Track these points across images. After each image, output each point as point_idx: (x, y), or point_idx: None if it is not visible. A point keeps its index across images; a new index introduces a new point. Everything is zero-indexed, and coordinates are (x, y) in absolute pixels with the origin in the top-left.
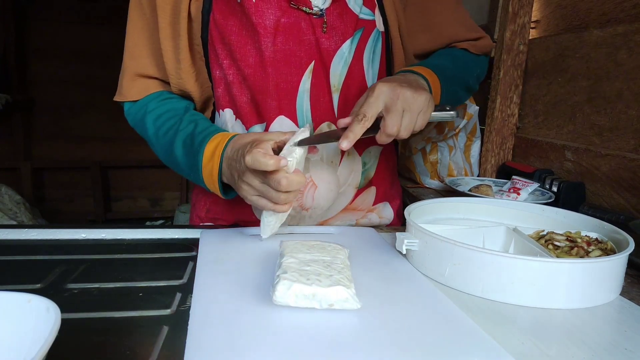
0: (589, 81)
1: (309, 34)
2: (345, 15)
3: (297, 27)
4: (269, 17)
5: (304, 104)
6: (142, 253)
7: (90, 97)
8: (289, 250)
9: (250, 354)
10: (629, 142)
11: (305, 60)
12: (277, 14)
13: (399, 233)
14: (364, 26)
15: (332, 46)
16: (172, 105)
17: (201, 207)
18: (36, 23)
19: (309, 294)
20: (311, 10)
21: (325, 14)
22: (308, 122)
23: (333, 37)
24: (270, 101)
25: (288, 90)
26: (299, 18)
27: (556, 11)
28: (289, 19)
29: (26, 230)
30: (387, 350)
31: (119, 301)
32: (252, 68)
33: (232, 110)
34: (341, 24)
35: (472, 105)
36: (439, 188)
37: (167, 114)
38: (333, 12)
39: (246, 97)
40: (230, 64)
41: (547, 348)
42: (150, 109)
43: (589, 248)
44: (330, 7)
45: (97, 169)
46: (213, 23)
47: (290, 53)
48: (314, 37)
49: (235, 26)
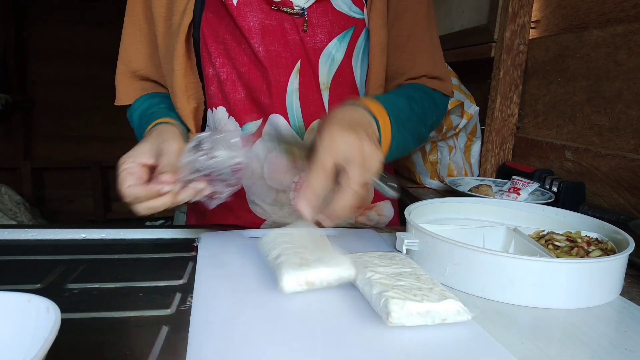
0: (589, 81)
1: (293, 33)
2: (331, 13)
3: (281, 28)
4: (252, 20)
5: (293, 102)
6: (142, 253)
7: (90, 97)
8: (366, 264)
9: (250, 353)
10: (629, 142)
11: (291, 60)
12: (260, 17)
13: (399, 233)
14: (355, 25)
15: (317, 44)
16: (158, 99)
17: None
18: (36, 23)
19: (422, 311)
20: (292, 11)
21: (307, 13)
22: (299, 120)
23: (317, 36)
24: (264, 99)
25: (279, 89)
26: (282, 19)
27: (556, 11)
28: (272, 21)
29: (26, 230)
30: (387, 349)
31: (119, 301)
32: (247, 66)
33: (225, 107)
34: (326, 22)
35: (472, 105)
36: (439, 188)
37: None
38: (316, 11)
39: (240, 94)
40: (224, 62)
41: (547, 348)
42: (137, 107)
43: (589, 248)
44: (312, 6)
45: (97, 169)
46: (205, 22)
47: (277, 54)
48: (298, 37)
49: (229, 26)
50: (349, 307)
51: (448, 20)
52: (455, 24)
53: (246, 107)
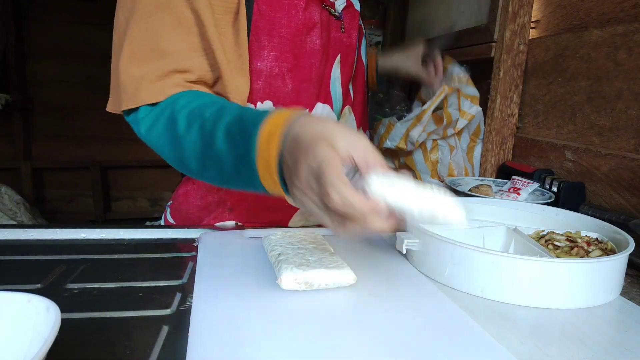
0: (589, 81)
1: (334, 31)
2: (355, 17)
3: (330, 25)
4: (314, 14)
5: (336, 90)
6: (142, 253)
7: (90, 97)
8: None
9: (250, 353)
10: (629, 142)
11: (332, 53)
12: (319, 12)
13: (399, 233)
14: (361, 22)
15: (352, 42)
16: (211, 98)
17: (218, 208)
18: (36, 23)
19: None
20: (335, 13)
21: (342, 17)
22: (339, 107)
23: (351, 35)
24: (312, 88)
25: (325, 78)
26: (329, 17)
27: (556, 11)
28: (324, 18)
29: (26, 230)
30: (387, 349)
31: (119, 301)
32: (299, 58)
33: (272, 102)
34: (354, 24)
35: (474, 106)
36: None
37: (205, 105)
38: (346, 15)
39: (288, 87)
40: (278, 55)
41: (547, 348)
42: (181, 106)
43: (589, 248)
44: (343, 10)
45: (97, 169)
46: (258, 15)
47: (325, 46)
48: (338, 35)
49: (284, 19)
50: (349, 307)
51: (448, 20)
52: (455, 24)
53: (293, 100)
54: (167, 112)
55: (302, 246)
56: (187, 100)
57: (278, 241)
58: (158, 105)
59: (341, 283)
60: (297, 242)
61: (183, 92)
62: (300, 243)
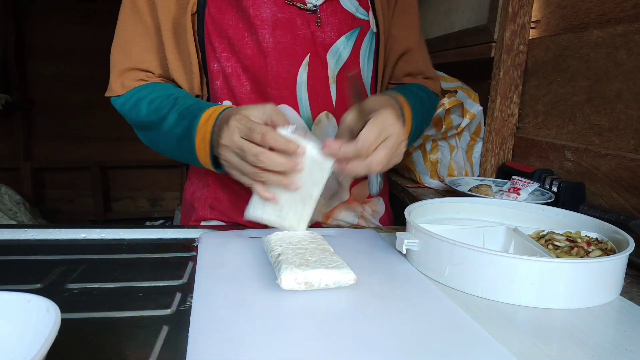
0: (588, 81)
1: (304, 28)
2: (340, 13)
3: (293, 22)
4: (265, 11)
5: (302, 94)
6: (142, 253)
7: (90, 97)
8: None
9: (250, 353)
10: (629, 142)
11: (300, 53)
12: (274, 9)
13: (399, 233)
14: (361, 25)
15: (326, 40)
16: (170, 90)
17: (202, 205)
18: (36, 23)
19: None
20: (305, 7)
21: (319, 10)
22: (307, 111)
23: (327, 32)
24: (272, 90)
25: (287, 81)
26: (294, 14)
27: (556, 11)
28: (284, 14)
29: (26, 230)
30: (388, 349)
31: (119, 301)
32: (251, 59)
33: (231, 102)
34: (335, 20)
35: (476, 104)
36: (439, 188)
37: (164, 95)
38: (326, 9)
39: (246, 87)
40: (229, 56)
41: (547, 348)
42: (145, 94)
43: (589, 248)
44: (323, 4)
45: (97, 169)
46: (209, 17)
47: (287, 46)
48: (309, 31)
49: (232, 20)
50: (349, 307)
51: (448, 20)
52: (455, 24)
53: (252, 100)
54: (134, 98)
55: (302, 246)
56: (149, 90)
57: (278, 241)
58: (126, 93)
59: (341, 283)
60: (297, 242)
61: (147, 84)
62: (300, 243)
